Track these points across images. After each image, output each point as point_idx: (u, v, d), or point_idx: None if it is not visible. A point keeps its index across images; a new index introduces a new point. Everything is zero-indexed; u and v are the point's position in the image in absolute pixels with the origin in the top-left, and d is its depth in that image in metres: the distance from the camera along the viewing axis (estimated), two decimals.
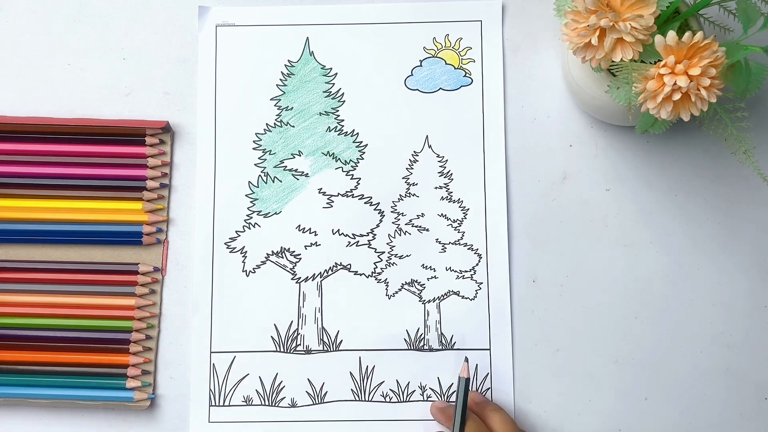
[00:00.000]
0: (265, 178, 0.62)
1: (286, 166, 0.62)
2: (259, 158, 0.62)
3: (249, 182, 0.62)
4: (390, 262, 0.61)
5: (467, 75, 0.63)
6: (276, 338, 0.60)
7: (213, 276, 0.61)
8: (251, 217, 0.62)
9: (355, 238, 0.61)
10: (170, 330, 0.60)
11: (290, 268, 0.61)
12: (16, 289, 0.60)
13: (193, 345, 0.60)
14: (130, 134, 0.62)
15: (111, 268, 0.61)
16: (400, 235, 0.61)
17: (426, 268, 0.61)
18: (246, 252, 0.61)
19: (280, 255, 0.61)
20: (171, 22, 0.64)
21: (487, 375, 0.60)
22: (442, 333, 0.60)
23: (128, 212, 0.61)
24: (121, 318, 0.60)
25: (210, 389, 0.59)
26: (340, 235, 0.61)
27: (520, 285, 0.61)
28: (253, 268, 0.61)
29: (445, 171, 0.62)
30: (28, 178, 0.61)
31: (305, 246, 0.61)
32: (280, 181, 0.62)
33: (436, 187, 0.62)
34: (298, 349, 0.60)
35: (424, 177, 0.62)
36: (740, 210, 0.62)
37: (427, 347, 0.60)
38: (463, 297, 0.61)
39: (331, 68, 0.63)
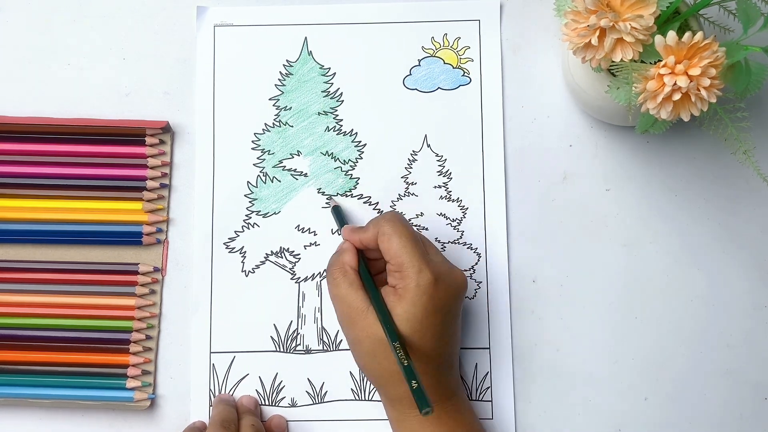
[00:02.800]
0: (264, 178, 0.62)
1: (284, 166, 0.62)
2: (257, 158, 0.62)
3: (248, 182, 0.62)
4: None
5: (466, 74, 0.63)
6: (276, 338, 0.60)
7: (212, 276, 0.61)
8: (250, 217, 0.62)
9: None
10: (170, 330, 0.60)
11: (290, 268, 0.61)
12: (16, 289, 0.60)
13: (193, 345, 0.60)
14: (130, 134, 0.62)
15: (111, 268, 0.61)
16: None
17: None
18: (245, 252, 0.61)
19: (279, 255, 0.61)
20: (170, 22, 0.64)
21: (486, 374, 0.60)
22: None
23: (128, 212, 0.61)
24: (121, 318, 0.60)
25: (210, 389, 0.60)
26: (339, 234, 0.61)
27: (519, 285, 0.61)
28: (253, 268, 0.61)
29: (444, 170, 0.62)
30: (28, 178, 0.61)
31: (305, 246, 0.61)
32: (279, 181, 0.62)
33: (435, 187, 0.62)
34: (297, 348, 0.60)
35: (423, 176, 0.62)
36: (740, 210, 0.61)
37: None
38: None
39: (329, 68, 0.63)
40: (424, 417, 0.49)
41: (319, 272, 0.61)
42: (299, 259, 0.61)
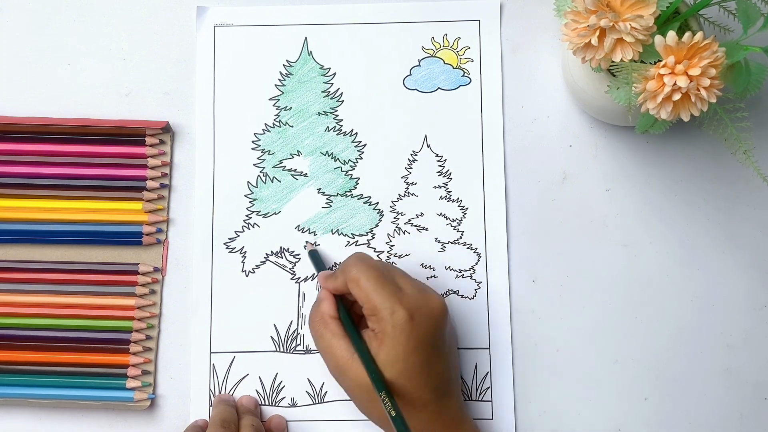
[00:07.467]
0: (264, 178, 0.62)
1: (285, 166, 0.62)
2: (257, 158, 0.62)
3: (248, 182, 0.62)
4: (389, 262, 0.61)
5: (466, 74, 0.63)
6: (276, 338, 0.60)
7: (212, 276, 0.61)
8: (250, 218, 0.62)
9: (354, 238, 0.61)
10: (170, 330, 0.60)
11: (290, 268, 0.61)
12: (16, 289, 0.60)
13: (193, 345, 0.60)
14: (130, 134, 0.62)
15: (111, 268, 0.61)
16: (399, 234, 0.61)
17: (425, 267, 0.61)
18: (245, 252, 0.61)
19: (279, 255, 0.61)
20: (171, 22, 0.64)
21: (486, 374, 0.60)
22: None
23: (128, 212, 0.61)
24: (121, 318, 0.60)
25: (210, 389, 0.60)
26: (339, 235, 0.61)
27: (519, 285, 0.61)
28: (253, 269, 0.61)
29: (444, 170, 0.62)
30: (28, 178, 0.61)
31: (305, 246, 0.61)
32: (279, 181, 0.62)
33: (435, 187, 0.62)
34: (297, 348, 0.60)
35: (423, 176, 0.62)
36: (740, 210, 0.61)
37: None
38: (462, 296, 0.61)
39: (329, 68, 0.63)
40: None
41: None
42: (299, 259, 0.61)
